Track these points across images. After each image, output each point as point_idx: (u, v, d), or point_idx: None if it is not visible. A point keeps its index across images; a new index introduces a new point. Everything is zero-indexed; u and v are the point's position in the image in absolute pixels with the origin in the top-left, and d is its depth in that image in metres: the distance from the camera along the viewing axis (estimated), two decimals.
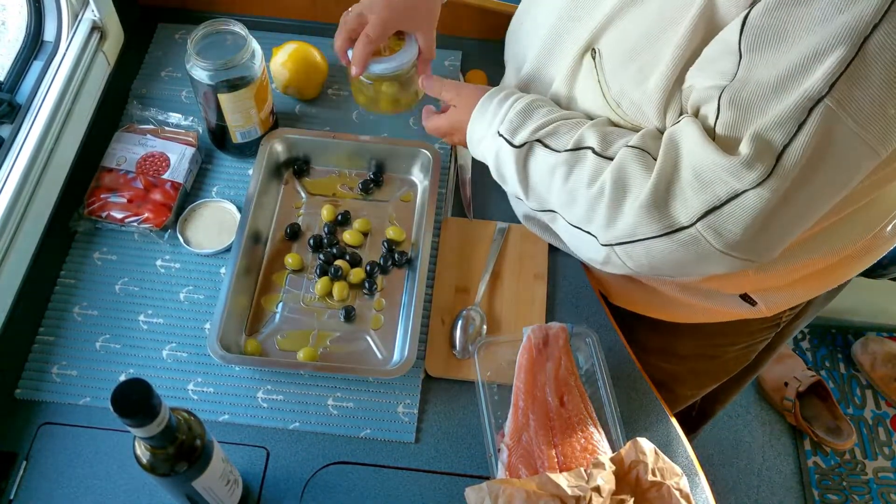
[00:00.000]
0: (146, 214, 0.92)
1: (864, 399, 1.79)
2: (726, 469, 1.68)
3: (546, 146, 0.72)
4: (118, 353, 0.86)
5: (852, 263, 0.86)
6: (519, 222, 0.96)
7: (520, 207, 0.92)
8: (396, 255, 0.93)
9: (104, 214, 0.92)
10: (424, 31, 0.89)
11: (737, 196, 0.60)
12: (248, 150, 1.00)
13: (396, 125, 1.06)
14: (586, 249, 0.73)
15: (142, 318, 0.88)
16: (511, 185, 0.77)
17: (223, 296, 0.85)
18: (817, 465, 1.70)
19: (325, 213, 0.96)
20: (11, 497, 0.77)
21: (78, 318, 0.88)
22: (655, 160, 0.65)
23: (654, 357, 0.90)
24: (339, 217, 0.96)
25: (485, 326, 0.89)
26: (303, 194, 0.99)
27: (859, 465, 1.70)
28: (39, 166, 0.89)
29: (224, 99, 0.91)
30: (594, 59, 0.71)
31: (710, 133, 0.62)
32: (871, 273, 1.42)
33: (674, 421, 0.85)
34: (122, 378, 0.84)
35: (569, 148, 0.71)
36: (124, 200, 0.93)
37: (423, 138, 1.03)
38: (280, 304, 0.90)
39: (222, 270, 0.92)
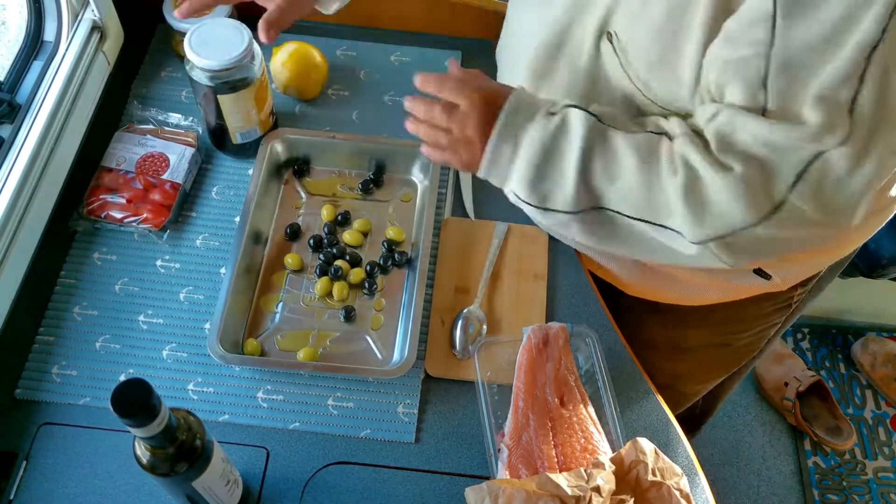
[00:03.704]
0: (145, 215, 0.92)
1: (864, 399, 1.79)
2: (726, 469, 1.68)
3: (617, 128, 0.68)
4: (118, 353, 0.86)
5: (860, 231, 0.84)
6: (519, 222, 0.96)
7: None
8: (396, 255, 0.93)
9: (103, 214, 0.92)
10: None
11: (819, 156, 0.58)
12: (248, 151, 1.00)
13: (397, 125, 1.06)
14: (667, 247, 0.68)
15: (142, 318, 0.88)
16: (565, 174, 0.67)
17: (223, 296, 0.85)
18: (817, 465, 1.70)
19: (325, 213, 0.96)
20: (11, 497, 0.77)
21: (78, 318, 0.88)
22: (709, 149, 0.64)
23: (663, 354, 0.89)
24: (339, 217, 0.96)
25: (485, 326, 0.89)
26: (303, 194, 0.99)
27: (859, 465, 1.70)
28: (39, 166, 0.89)
29: (224, 100, 0.91)
30: (612, 42, 0.69)
31: (762, 107, 0.60)
32: (871, 273, 1.42)
33: (674, 421, 0.85)
34: (122, 378, 0.83)
35: (648, 130, 0.68)
36: (123, 201, 0.93)
37: None
38: (280, 304, 0.90)
39: (222, 270, 0.92)
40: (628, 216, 0.67)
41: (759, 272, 0.85)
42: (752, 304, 0.91)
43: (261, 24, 0.81)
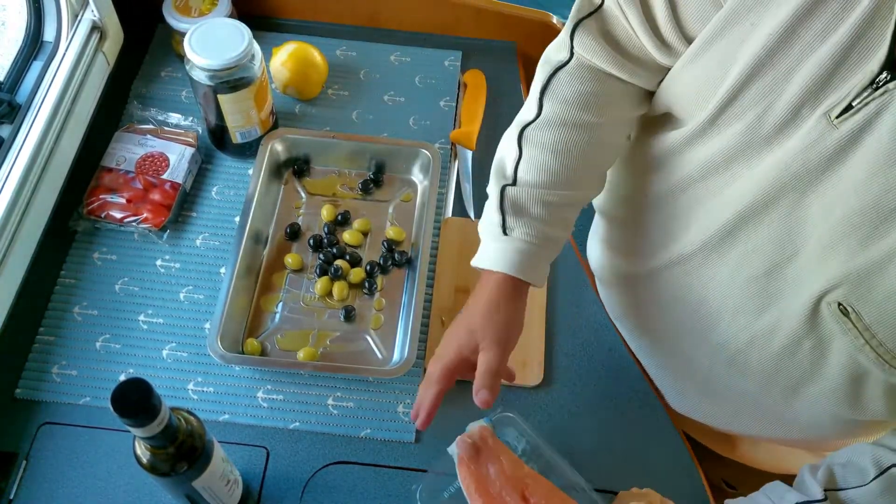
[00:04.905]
0: (145, 215, 0.92)
1: None
2: None
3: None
4: (118, 353, 0.86)
5: None
6: None
7: None
8: (396, 255, 0.93)
9: (103, 214, 0.92)
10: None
11: None
12: (248, 151, 1.00)
13: (396, 125, 1.06)
14: None
15: (142, 318, 0.88)
16: None
17: (223, 296, 0.85)
18: None
19: (325, 213, 0.96)
20: (11, 497, 0.77)
21: (78, 318, 0.88)
22: None
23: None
24: (339, 217, 0.96)
25: None
26: (303, 194, 0.99)
27: None
28: (39, 166, 0.89)
29: (224, 100, 0.91)
30: (846, 315, 0.59)
31: None
32: None
33: (678, 429, 0.85)
34: (122, 378, 0.83)
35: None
36: (123, 201, 0.93)
37: (423, 138, 1.03)
38: (280, 304, 0.90)
39: (222, 270, 0.92)
40: None
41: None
42: None
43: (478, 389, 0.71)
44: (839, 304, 0.58)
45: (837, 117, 0.54)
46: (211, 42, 0.88)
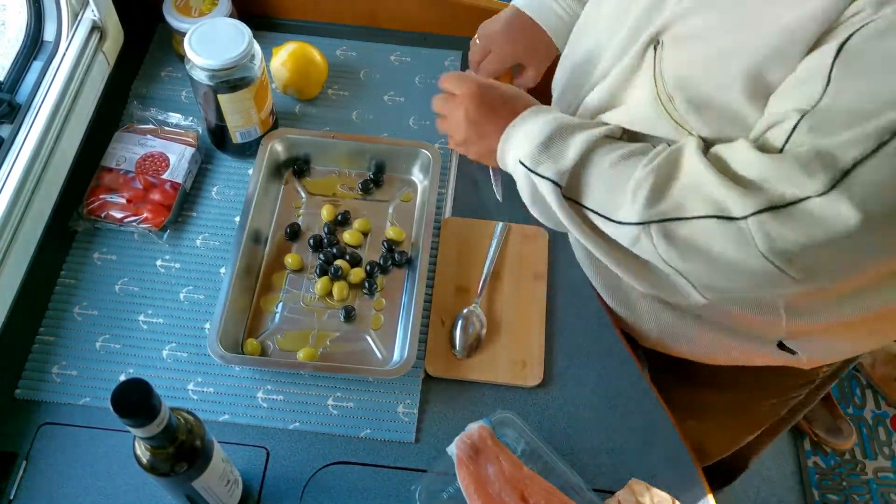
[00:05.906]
0: (145, 214, 0.92)
1: (864, 399, 1.79)
2: None
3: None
4: (118, 353, 0.86)
5: None
6: (518, 221, 0.96)
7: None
8: (396, 255, 0.93)
9: (103, 214, 0.92)
10: (537, 67, 0.93)
11: (800, 201, 0.56)
12: (248, 150, 1.00)
13: (396, 125, 1.06)
14: (611, 230, 0.68)
15: (142, 318, 0.88)
16: (563, 160, 0.69)
17: (223, 296, 0.85)
18: (817, 465, 1.70)
19: (325, 213, 0.96)
20: (11, 497, 0.77)
21: (78, 318, 0.88)
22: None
23: (682, 413, 0.88)
24: (339, 217, 0.96)
25: (485, 328, 0.89)
26: (303, 194, 0.99)
27: (859, 465, 1.70)
28: (39, 166, 0.89)
29: (224, 99, 0.91)
30: (655, 50, 0.66)
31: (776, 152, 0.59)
32: None
33: (678, 429, 0.85)
34: (122, 378, 0.83)
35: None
36: (123, 200, 0.93)
37: (423, 138, 1.03)
38: (280, 304, 0.90)
39: (222, 270, 0.92)
40: (589, 209, 0.68)
41: (782, 346, 0.82)
42: (773, 374, 0.89)
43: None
44: (658, 40, 0.66)
45: None
46: (211, 42, 0.88)
